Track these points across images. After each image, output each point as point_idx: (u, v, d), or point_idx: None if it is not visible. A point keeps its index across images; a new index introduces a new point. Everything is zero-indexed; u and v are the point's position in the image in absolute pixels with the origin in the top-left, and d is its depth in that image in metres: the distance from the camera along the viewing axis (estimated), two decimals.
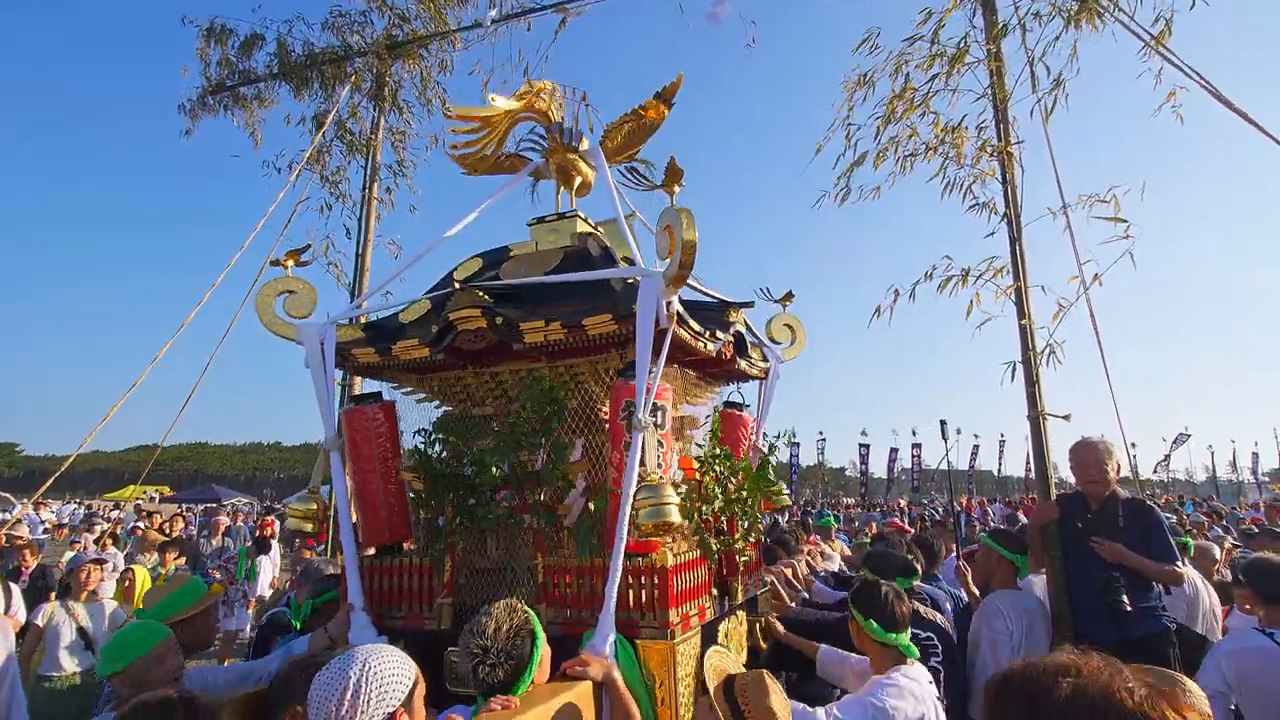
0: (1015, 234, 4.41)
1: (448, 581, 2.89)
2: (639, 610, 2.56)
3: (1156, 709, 0.78)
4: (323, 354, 3.05)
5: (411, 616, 2.90)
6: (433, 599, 2.89)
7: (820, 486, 43.04)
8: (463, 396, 3.35)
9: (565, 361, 3.06)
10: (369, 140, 6.81)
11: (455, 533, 2.89)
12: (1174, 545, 3.88)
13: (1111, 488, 3.95)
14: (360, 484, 3.07)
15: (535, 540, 2.82)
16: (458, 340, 2.93)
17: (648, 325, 2.55)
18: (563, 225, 3.47)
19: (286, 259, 3.17)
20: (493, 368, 3.19)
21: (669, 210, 2.59)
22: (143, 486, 36.87)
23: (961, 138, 4.72)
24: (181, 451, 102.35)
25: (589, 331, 2.75)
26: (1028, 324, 4.27)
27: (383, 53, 6.78)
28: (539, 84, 3.51)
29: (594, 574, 2.63)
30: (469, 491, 2.83)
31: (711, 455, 3.21)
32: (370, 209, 6.58)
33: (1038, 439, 4.23)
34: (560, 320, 2.77)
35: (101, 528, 15.36)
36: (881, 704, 2.51)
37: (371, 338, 3.22)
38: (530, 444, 2.79)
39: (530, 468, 2.81)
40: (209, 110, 7.44)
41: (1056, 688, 0.82)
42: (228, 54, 7.22)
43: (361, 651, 1.80)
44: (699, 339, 2.92)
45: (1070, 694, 0.82)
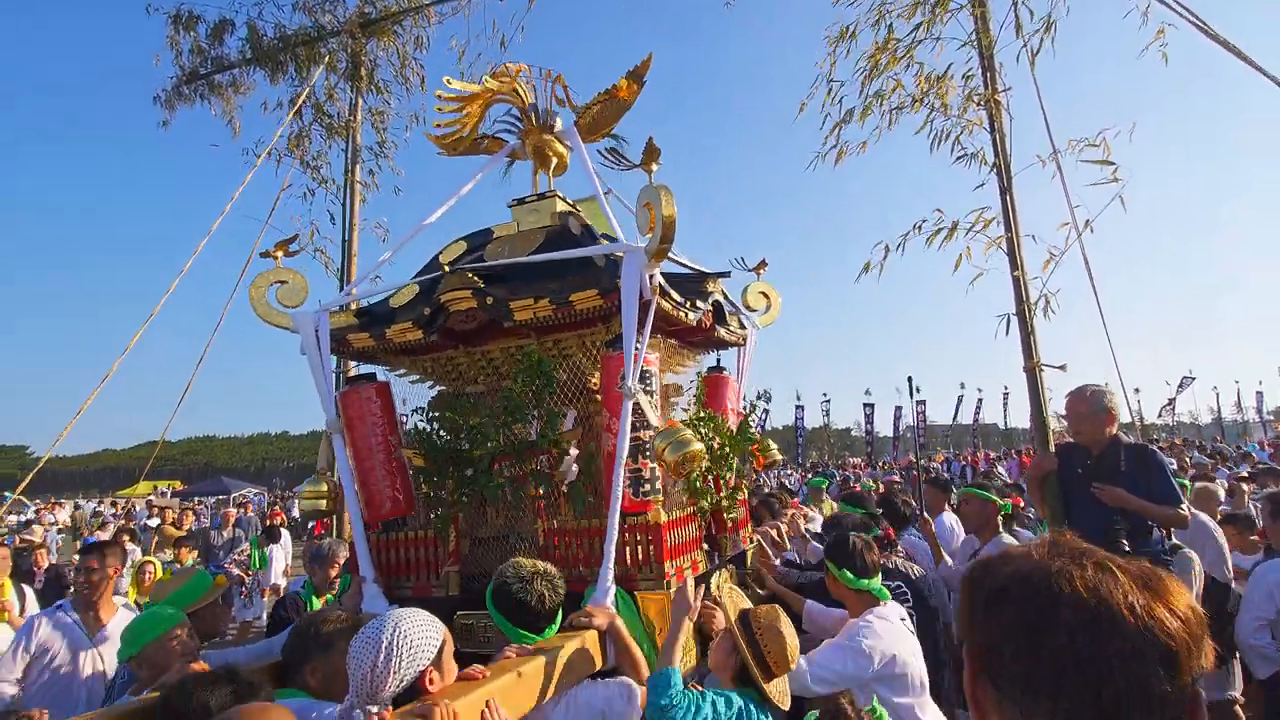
0: (1005, 183, 4.34)
1: (453, 550, 3.07)
2: (636, 565, 2.76)
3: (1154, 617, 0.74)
4: (318, 340, 3.17)
5: (419, 585, 3.08)
6: (439, 568, 3.07)
7: (826, 448, 43.22)
8: (455, 376, 3.50)
9: (553, 336, 3.20)
10: (348, 122, 6.71)
11: (456, 504, 3.06)
12: (1177, 488, 3.88)
13: (1106, 435, 3.94)
14: (361, 462, 3.21)
15: (535, 507, 2.99)
16: (450, 321, 3.07)
17: (632, 298, 2.70)
18: (543, 205, 3.60)
19: (276, 250, 3.26)
20: (483, 346, 3.33)
21: (648, 188, 2.71)
22: (153, 482, 37.22)
23: (947, 87, 4.62)
24: (190, 445, 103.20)
25: (576, 307, 2.90)
26: (1020, 275, 4.22)
27: (356, 31, 6.67)
28: (514, 66, 3.60)
29: (592, 535, 2.81)
30: (468, 464, 2.99)
31: (696, 418, 3.39)
32: (354, 192, 6.52)
33: (1034, 390, 4.20)
34: (548, 297, 2.91)
35: (117, 526, 15.53)
36: (857, 645, 2.72)
37: (365, 323, 3.36)
38: (523, 416, 2.95)
39: (524, 438, 2.96)
40: (185, 100, 7.32)
41: (1058, 608, 0.76)
42: (199, 41, 7.07)
43: (393, 615, 1.96)
44: (680, 309, 3.06)
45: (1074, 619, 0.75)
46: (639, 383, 2.71)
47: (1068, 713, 0.74)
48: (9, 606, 5.49)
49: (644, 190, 2.74)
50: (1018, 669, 0.78)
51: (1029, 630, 0.77)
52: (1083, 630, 0.74)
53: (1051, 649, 0.75)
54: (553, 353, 3.19)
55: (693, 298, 3.21)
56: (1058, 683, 0.74)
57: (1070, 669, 0.74)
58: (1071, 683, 0.74)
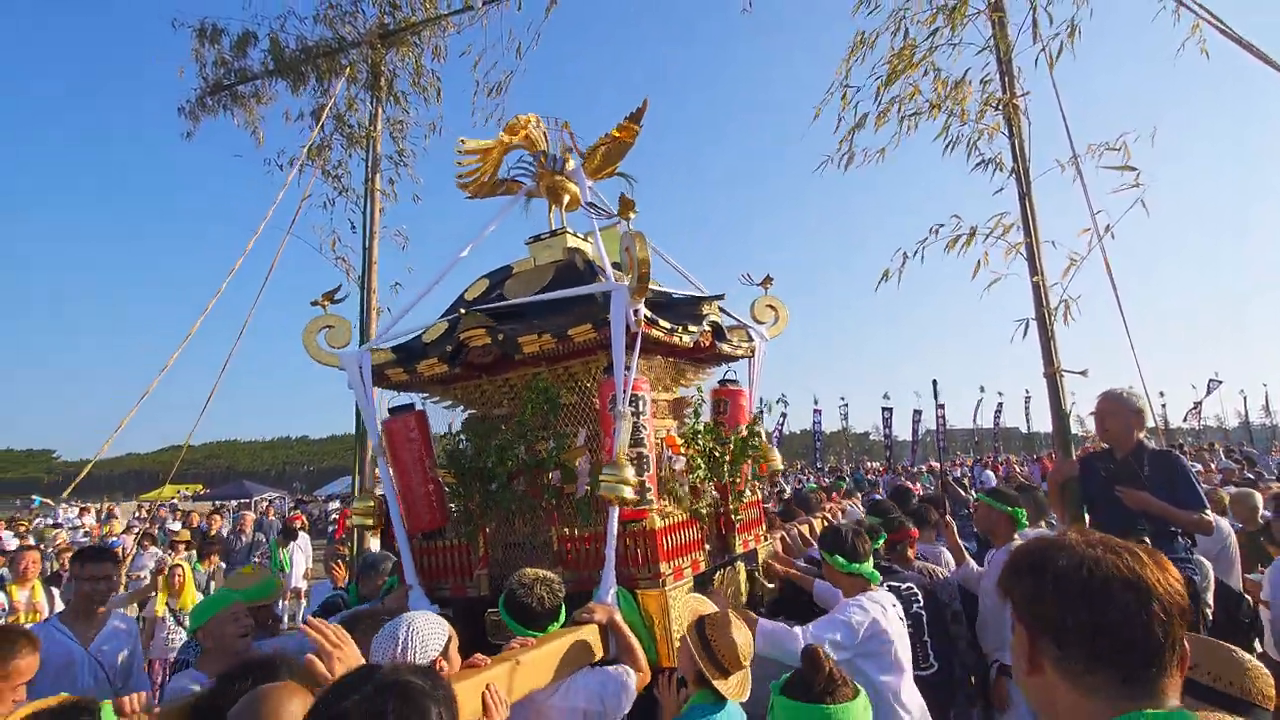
0: (1024, 188, 4.33)
1: (483, 556, 3.51)
2: (636, 566, 3.12)
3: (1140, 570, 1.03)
4: (362, 377, 3.66)
5: (456, 587, 3.51)
6: (472, 572, 3.48)
7: (845, 452, 42.95)
8: (481, 400, 3.95)
9: (563, 364, 3.61)
10: (368, 132, 6.81)
11: (484, 515, 3.50)
12: (1201, 493, 3.84)
13: (1134, 438, 3.91)
14: (402, 481, 3.66)
15: (550, 516, 3.40)
16: (469, 356, 3.52)
17: (620, 330, 3.08)
18: (555, 241, 4.01)
19: (323, 299, 3.76)
20: (504, 374, 3.77)
21: (626, 234, 3.11)
22: (176, 486, 37.69)
23: (965, 93, 4.60)
24: (212, 449, 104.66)
25: (575, 340, 3.30)
26: (1040, 280, 4.19)
27: (376, 42, 6.77)
28: (525, 117, 4.06)
29: (599, 540, 3.17)
30: (491, 480, 3.41)
31: (694, 431, 3.71)
32: (374, 201, 6.61)
33: (1055, 396, 4.18)
34: (550, 332, 3.33)
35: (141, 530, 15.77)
36: (846, 618, 3.03)
37: (400, 359, 3.81)
38: (535, 437, 3.39)
39: (542, 457, 3.38)
40: (209, 111, 7.46)
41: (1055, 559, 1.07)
42: (222, 54, 7.21)
43: (407, 616, 2.35)
44: (673, 334, 3.46)
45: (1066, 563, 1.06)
46: (629, 405, 3.07)
47: (1122, 656, 1.00)
48: (40, 608, 5.61)
49: (623, 236, 3.15)
50: (1080, 631, 1.02)
51: (1090, 600, 1.01)
52: (1130, 593, 1.00)
53: (1107, 613, 1.00)
54: (563, 379, 3.59)
55: (686, 321, 3.62)
56: (1115, 636, 1.00)
57: (1122, 626, 1.00)
58: (1124, 635, 1.00)
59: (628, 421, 3.05)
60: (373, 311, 6.17)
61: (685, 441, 3.66)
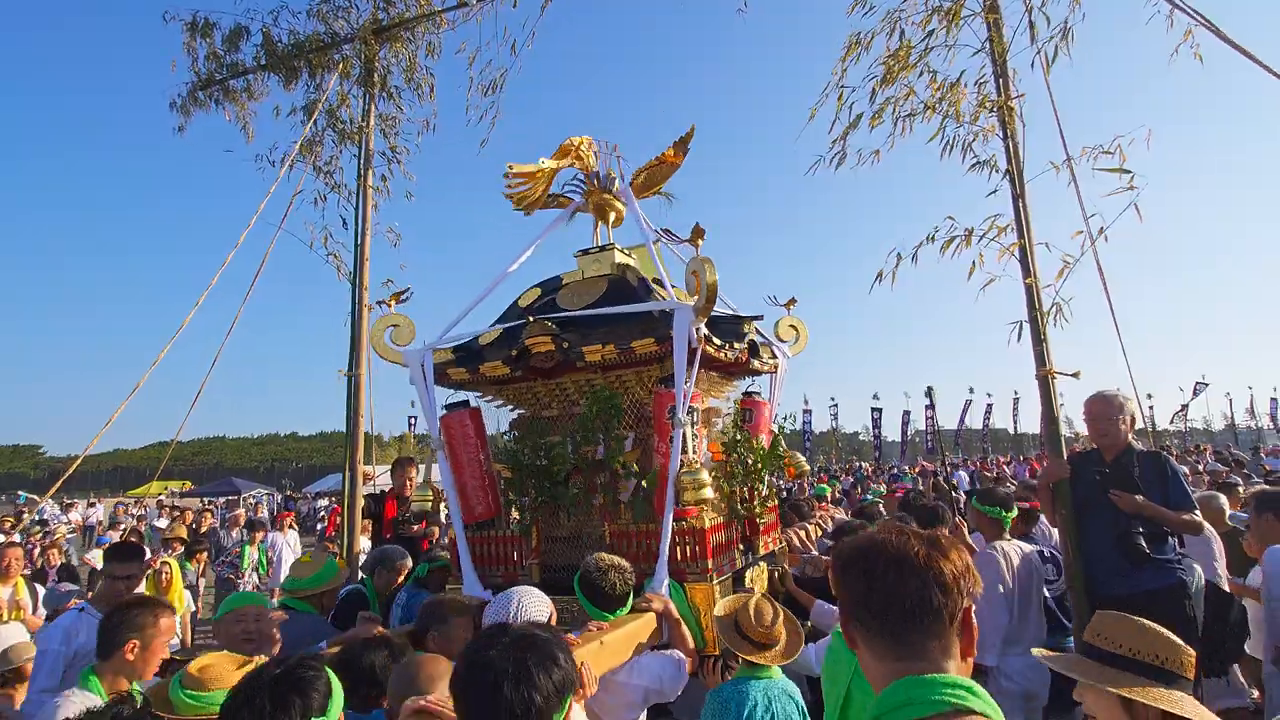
0: (1018, 190, 4.33)
1: (535, 547, 3.84)
2: (685, 561, 3.45)
3: (906, 549, 1.20)
4: (424, 374, 3.91)
5: (508, 574, 3.78)
6: (523, 560, 3.79)
7: (834, 453, 43.07)
8: (532, 402, 4.25)
9: (616, 372, 3.92)
10: (360, 128, 6.73)
11: (537, 510, 3.82)
12: (1190, 494, 3.87)
13: (1125, 441, 3.93)
14: (458, 473, 3.93)
15: (601, 513, 3.76)
16: (532, 360, 3.82)
17: (683, 346, 3.41)
18: (603, 256, 4.31)
19: (391, 300, 4.08)
20: (557, 378, 4.06)
21: (695, 259, 3.45)
22: (164, 482, 37.40)
23: (960, 94, 4.60)
24: (200, 446, 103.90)
25: (636, 351, 3.63)
26: (1033, 282, 4.20)
27: (369, 38, 6.69)
28: (579, 140, 4.38)
29: (647, 536, 3.52)
30: (547, 477, 3.73)
31: (734, 440, 4.04)
32: (366, 198, 6.54)
33: (1047, 398, 4.18)
34: (614, 343, 3.65)
35: (128, 527, 15.64)
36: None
37: (461, 359, 4.09)
38: (593, 439, 3.70)
39: (591, 457, 3.71)
40: (200, 105, 7.36)
41: (853, 549, 1.27)
42: (214, 48, 7.12)
43: (516, 590, 2.67)
44: (721, 350, 3.78)
45: (857, 550, 1.25)
46: (686, 414, 3.40)
47: (890, 620, 1.18)
48: (23, 605, 5.54)
49: (692, 260, 3.48)
50: (861, 601, 1.21)
51: (867, 576, 1.21)
52: (893, 570, 1.18)
53: (877, 584, 1.19)
54: (615, 386, 3.89)
55: (731, 339, 3.95)
56: (883, 604, 1.18)
57: (888, 594, 1.17)
58: (889, 602, 1.17)
59: (690, 429, 3.40)
60: (364, 309, 6.10)
61: (725, 450, 3.99)
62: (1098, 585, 3.86)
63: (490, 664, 1.52)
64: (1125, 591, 3.69)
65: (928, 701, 1.09)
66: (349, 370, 6.05)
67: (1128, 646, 1.90)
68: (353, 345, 6.15)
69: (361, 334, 6.16)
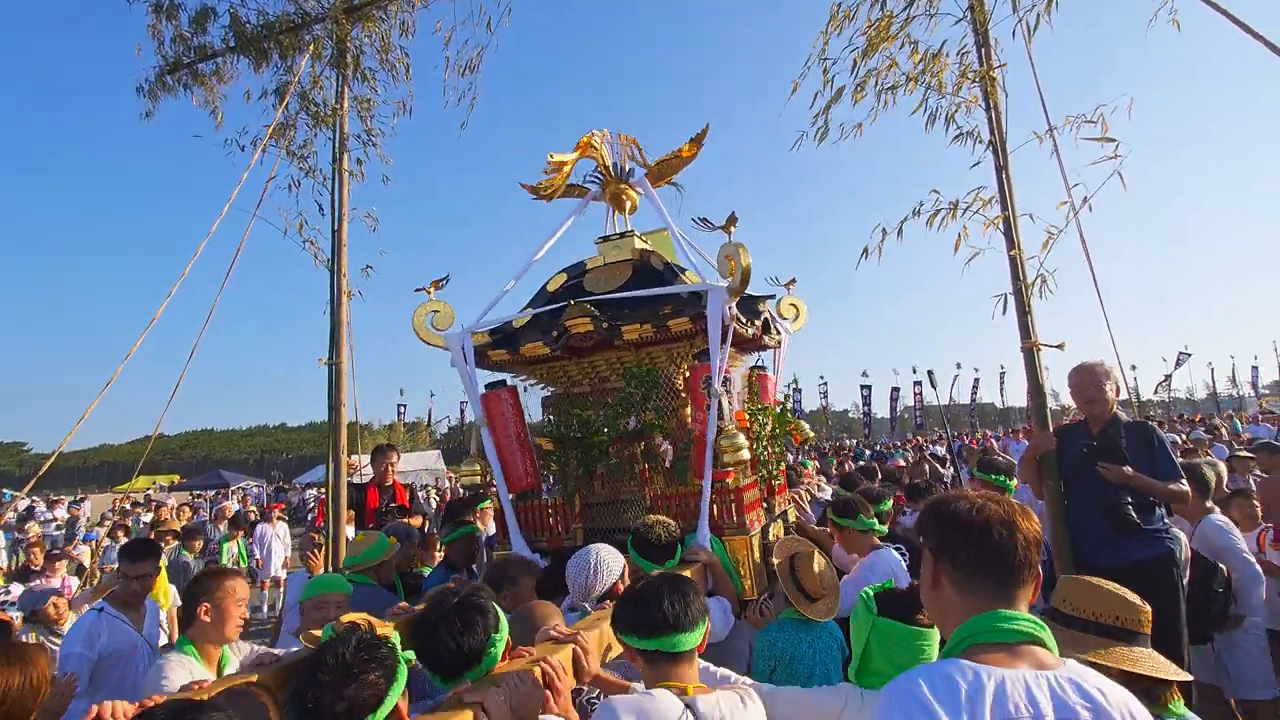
0: (1001, 161, 4.30)
1: (578, 512, 4.20)
2: (723, 518, 3.83)
3: (1012, 514, 1.41)
4: (464, 356, 4.24)
5: (552, 539, 4.16)
6: (565, 525, 4.15)
7: (824, 430, 43.30)
8: (564, 380, 4.59)
9: (647, 350, 4.26)
10: (334, 110, 6.57)
11: (579, 478, 4.19)
12: (1177, 464, 3.88)
13: (1112, 410, 3.93)
14: (500, 447, 4.26)
15: (641, 477, 4.10)
16: (571, 340, 4.13)
17: (717, 324, 3.76)
18: (623, 242, 4.63)
19: (431, 286, 4.39)
20: (590, 358, 4.42)
21: (728, 244, 3.82)
22: (151, 476, 37.06)
23: (942, 65, 4.53)
24: (188, 439, 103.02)
25: (672, 330, 3.98)
26: (1017, 254, 4.17)
27: (341, 17, 6.54)
28: (599, 133, 4.71)
29: (685, 497, 3.89)
30: (590, 447, 4.09)
31: (757, 408, 4.46)
32: (342, 182, 6.42)
33: (1032, 370, 4.18)
34: (651, 323, 4.01)
35: (112, 522, 15.50)
36: (864, 577, 3.68)
37: (498, 341, 4.42)
38: (631, 411, 4.05)
39: (625, 429, 4.05)
40: (168, 90, 7.16)
41: (955, 505, 1.47)
42: (181, 30, 6.91)
43: (595, 546, 3.08)
44: (745, 327, 4.12)
45: (960, 508, 1.45)
46: (720, 385, 3.76)
47: (993, 570, 1.39)
48: None
49: (724, 245, 3.84)
50: (970, 550, 1.41)
51: (979, 530, 1.40)
52: (1004, 528, 1.40)
53: (988, 538, 1.39)
54: (646, 362, 4.23)
55: (750, 316, 4.33)
56: (994, 556, 1.39)
57: (999, 549, 1.39)
58: (999, 556, 1.39)
59: (726, 398, 3.77)
60: (343, 295, 6.00)
61: (750, 417, 4.39)
62: (1085, 557, 3.87)
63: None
64: (1113, 562, 3.71)
65: (1011, 630, 1.32)
66: (329, 359, 5.95)
67: (1089, 610, 2.02)
68: (332, 332, 6.05)
69: (341, 321, 6.06)
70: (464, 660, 1.96)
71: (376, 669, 1.64)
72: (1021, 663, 1.27)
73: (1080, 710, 1.19)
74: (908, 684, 1.27)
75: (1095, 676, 1.28)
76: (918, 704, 1.22)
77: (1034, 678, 1.23)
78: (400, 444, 42.54)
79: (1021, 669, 1.25)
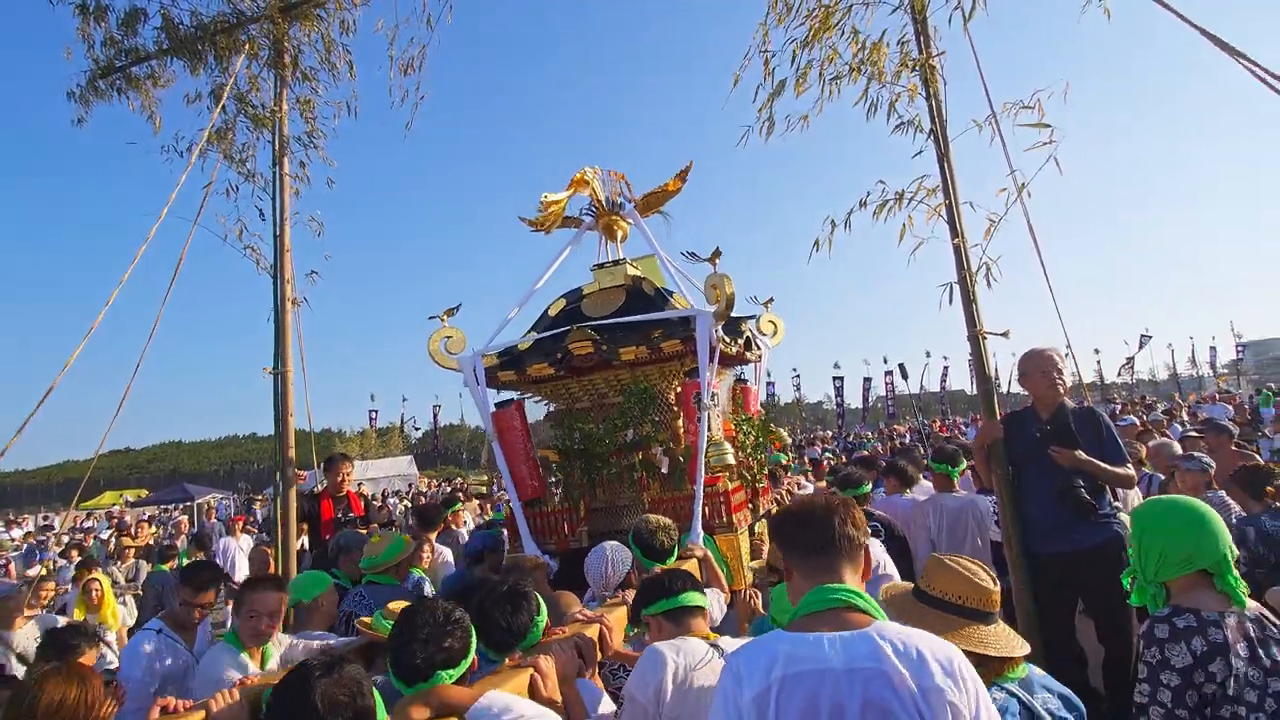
0: (943, 150, 4.27)
1: (583, 517, 4.64)
2: (714, 518, 4.33)
3: (829, 505, 1.70)
4: (476, 377, 4.69)
5: (559, 541, 4.62)
6: (573, 529, 4.61)
7: (798, 422, 43.55)
8: (565, 396, 5.08)
9: (641, 369, 4.74)
10: (273, 112, 6.37)
11: (583, 486, 4.67)
12: (1124, 448, 3.91)
13: (1059, 398, 3.93)
14: (509, 459, 4.70)
15: (639, 484, 4.60)
16: (573, 361, 4.61)
17: (705, 345, 4.25)
18: (616, 269, 5.14)
19: (444, 315, 4.83)
20: (589, 376, 4.87)
21: (714, 274, 4.32)
22: (119, 491, 36.16)
23: (881, 54, 4.50)
24: (156, 452, 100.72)
25: (664, 351, 4.48)
26: (961, 242, 4.15)
27: (277, 16, 6.32)
28: (591, 170, 5.20)
29: (679, 500, 4.38)
30: (593, 458, 4.57)
31: (741, 419, 5.01)
32: (283, 186, 6.22)
33: (978, 358, 4.16)
34: (646, 345, 4.50)
35: (67, 541, 15.04)
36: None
37: (506, 363, 4.90)
38: (632, 424, 4.53)
39: (623, 440, 4.54)
40: (101, 95, 6.90)
41: (788, 507, 1.80)
42: (111, 32, 6.66)
43: (608, 544, 3.51)
44: (729, 346, 4.62)
45: (791, 506, 1.79)
46: (710, 400, 4.24)
47: (812, 552, 1.65)
48: None
49: (710, 275, 4.34)
50: (795, 540, 1.69)
51: (798, 522, 1.70)
52: (822, 517, 1.67)
53: (809, 527, 1.67)
54: (641, 380, 4.70)
55: (734, 336, 4.82)
56: (816, 540, 1.65)
57: (805, 528, 1.68)
58: (817, 540, 1.65)
59: (714, 411, 4.28)
60: (287, 303, 5.81)
61: (736, 427, 4.87)
62: (1037, 543, 3.87)
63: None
64: (1066, 549, 3.73)
65: (831, 600, 1.56)
66: (274, 368, 5.77)
67: (946, 591, 2.10)
68: (277, 341, 5.86)
69: (285, 329, 5.88)
70: (514, 636, 2.44)
71: (460, 629, 2.12)
72: (827, 625, 1.53)
73: (864, 660, 1.43)
74: (731, 660, 1.59)
75: (898, 632, 1.49)
76: (731, 673, 1.54)
77: (831, 637, 1.49)
78: (372, 450, 42.07)
79: (824, 630, 1.51)
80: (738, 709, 1.47)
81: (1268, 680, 2.06)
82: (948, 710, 1.38)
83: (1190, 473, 4.95)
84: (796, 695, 1.44)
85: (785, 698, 1.44)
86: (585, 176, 5.14)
